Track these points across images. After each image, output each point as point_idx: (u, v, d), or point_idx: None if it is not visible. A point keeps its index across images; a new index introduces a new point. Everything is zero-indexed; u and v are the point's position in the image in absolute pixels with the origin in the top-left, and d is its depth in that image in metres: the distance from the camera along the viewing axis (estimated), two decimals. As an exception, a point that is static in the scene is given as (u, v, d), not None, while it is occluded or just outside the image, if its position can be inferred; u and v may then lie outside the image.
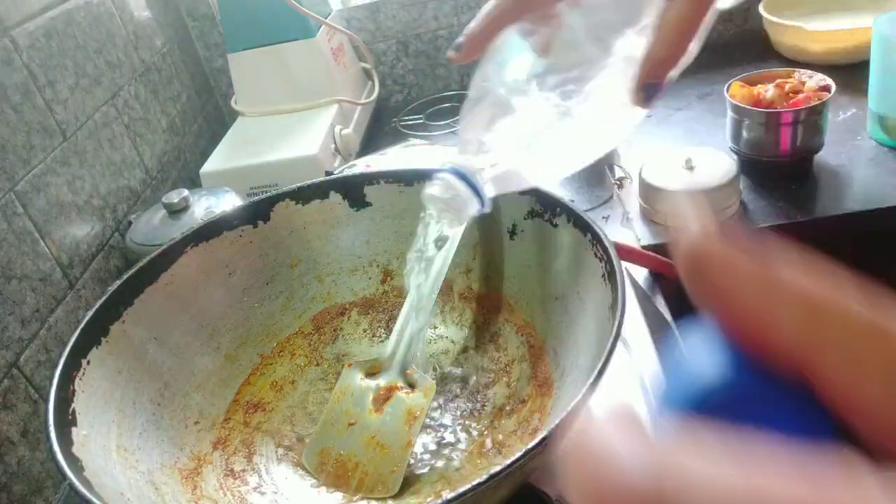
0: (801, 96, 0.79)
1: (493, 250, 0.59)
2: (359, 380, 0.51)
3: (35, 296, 0.67)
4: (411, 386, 0.49)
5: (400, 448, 0.48)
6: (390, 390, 0.49)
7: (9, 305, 0.63)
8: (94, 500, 0.37)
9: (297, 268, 0.62)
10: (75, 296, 0.73)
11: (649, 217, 0.79)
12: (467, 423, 0.53)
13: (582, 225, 0.50)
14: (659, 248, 0.75)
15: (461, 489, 0.33)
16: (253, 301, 0.60)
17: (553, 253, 0.53)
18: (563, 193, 0.54)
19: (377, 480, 0.47)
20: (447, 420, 0.53)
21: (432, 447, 0.51)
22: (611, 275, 0.45)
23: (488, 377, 0.56)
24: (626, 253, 0.66)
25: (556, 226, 0.53)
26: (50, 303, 0.69)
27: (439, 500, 0.33)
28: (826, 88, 0.79)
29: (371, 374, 0.51)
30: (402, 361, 0.49)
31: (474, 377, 0.56)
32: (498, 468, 0.34)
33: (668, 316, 0.69)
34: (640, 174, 0.79)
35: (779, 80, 0.82)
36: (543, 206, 0.54)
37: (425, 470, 0.50)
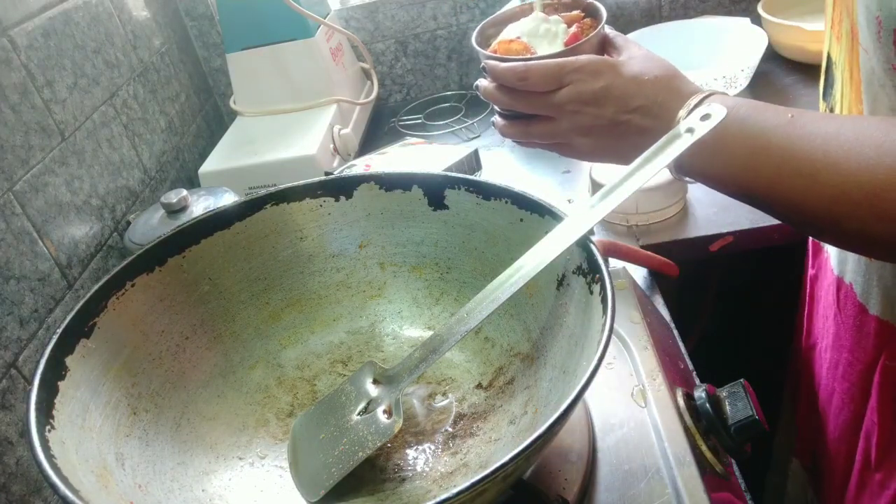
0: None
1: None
2: (368, 382, 0.52)
3: (34, 296, 0.67)
4: (389, 413, 0.50)
5: (351, 456, 0.49)
6: (376, 406, 0.51)
7: (7, 306, 0.63)
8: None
9: (365, 249, 0.62)
10: (74, 296, 0.73)
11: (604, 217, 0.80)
12: (458, 424, 0.53)
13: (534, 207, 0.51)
14: (658, 248, 0.75)
15: (456, 489, 0.33)
16: (313, 269, 0.61)
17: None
18: (554, 200, 0.53)
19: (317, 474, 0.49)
20: (441, 420, 0.53)
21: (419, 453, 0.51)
22: (600, 281, 0.45)
23: (481, 378, 0.55)
24: (626, 253, 0.66)
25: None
26: (48, 303, 0.69)
27: (434, 500, 0.33)
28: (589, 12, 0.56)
29: (377, 380, 0.52)
30: (399, 388, 0.50)
31: (466, 378, 0.56)
32: (492, 468, 0.34)
33: (667, 316, 0.69)
34: (590, 174, 0.80)
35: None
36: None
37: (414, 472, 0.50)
